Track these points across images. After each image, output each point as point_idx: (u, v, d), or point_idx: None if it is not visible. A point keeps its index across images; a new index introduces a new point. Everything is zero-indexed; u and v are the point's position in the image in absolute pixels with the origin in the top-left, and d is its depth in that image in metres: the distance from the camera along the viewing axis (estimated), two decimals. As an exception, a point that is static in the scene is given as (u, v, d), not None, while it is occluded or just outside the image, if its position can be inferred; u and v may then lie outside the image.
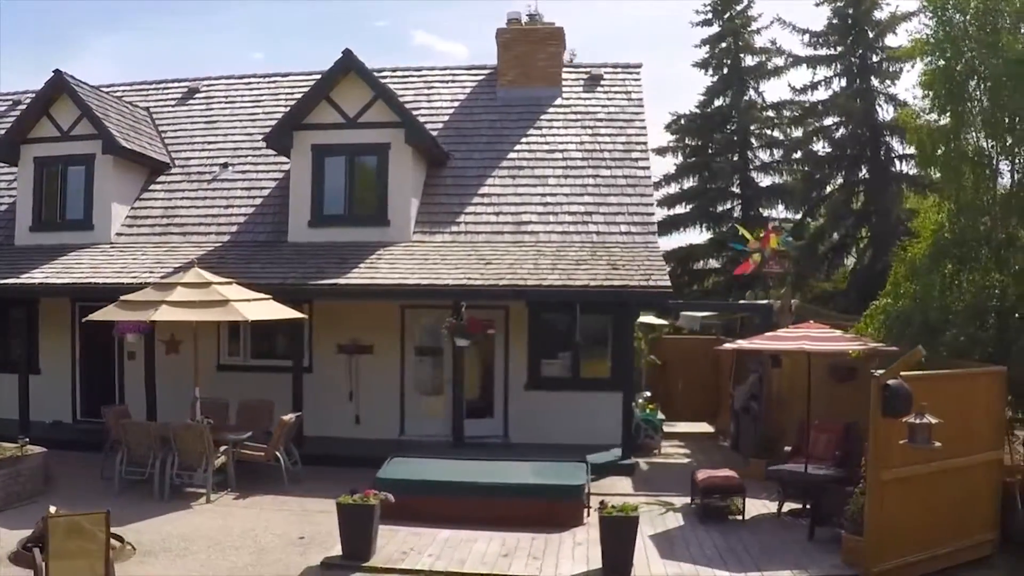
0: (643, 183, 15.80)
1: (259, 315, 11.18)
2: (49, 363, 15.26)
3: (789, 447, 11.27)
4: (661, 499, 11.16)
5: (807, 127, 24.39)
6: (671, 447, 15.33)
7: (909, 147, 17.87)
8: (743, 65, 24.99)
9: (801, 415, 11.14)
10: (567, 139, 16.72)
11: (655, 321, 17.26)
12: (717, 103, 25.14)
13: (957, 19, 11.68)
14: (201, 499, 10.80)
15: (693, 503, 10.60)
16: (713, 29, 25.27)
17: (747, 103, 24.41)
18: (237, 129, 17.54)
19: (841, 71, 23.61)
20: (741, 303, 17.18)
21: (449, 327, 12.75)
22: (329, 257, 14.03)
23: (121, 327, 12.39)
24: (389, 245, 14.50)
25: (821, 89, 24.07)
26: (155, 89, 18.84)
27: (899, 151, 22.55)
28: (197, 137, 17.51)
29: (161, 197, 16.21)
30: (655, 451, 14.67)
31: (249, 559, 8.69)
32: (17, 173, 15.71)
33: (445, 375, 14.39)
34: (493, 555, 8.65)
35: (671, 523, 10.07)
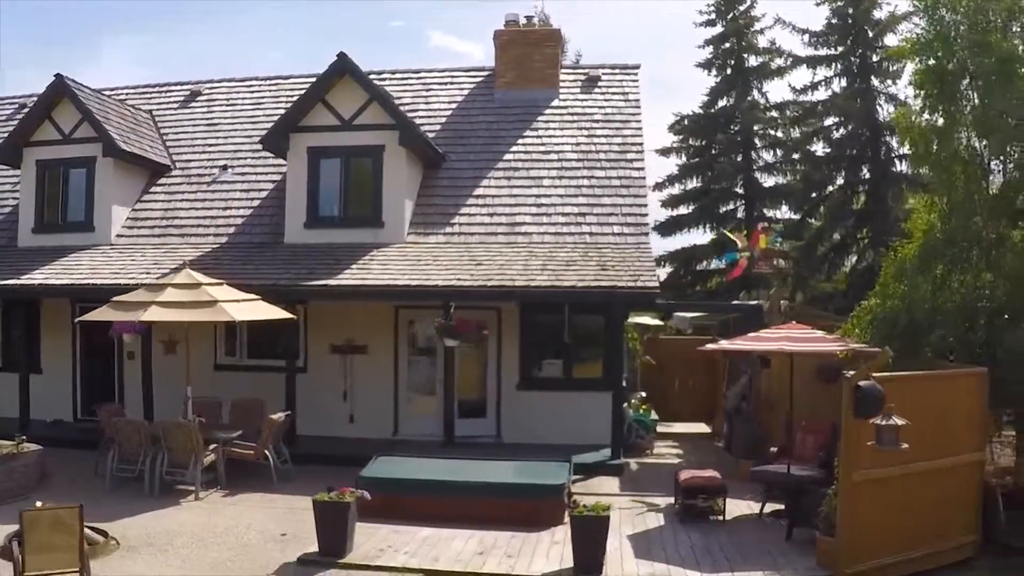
0: (637, 184, 15.82)
1: (247, 315, 11.35)
2: (50, 363, 15.53)
3: (775, 448, 11.28)
4: (645, 499, 11.22)
5: (809, 127, 24.33)
6: (665, 448, 15.34)
7: (902, 147, 17.77)
8: (746, 66, 24.93)
9: (788, 416, 11.15)
10: (563, 140, 16.78)
11: (650, 322, 17.29)
12: (721, 103, 25.09)
13: (948, 19, 11.68)
14: (190, 496, 10.97)
15: (676, 503, 10.63)
16: (716, 29, 25.24)
17: (750, 103, 24.35)
18: (238, 131, 17.73)
19: (841, 71, 23.53)
20: (732, 304, 17.18)
21: (438, 327, 12.86)
22: (323, 258, 14.17)
23: (117, 327, 12.57)
24: (383, 246, 14.63)
25: (821, 89, 24.07)
26: (158, 92, 19.09)
27: (899, 151, 22.43)
28: (198, 139, 17.73)
29: (161, 199, 16.44)
30: (647, 451, 14.69)
31: (229, 555, 8.83)
32: (20, 176, 15.98)
33: (438, 375, 14.49)
34: (469, 553, 8.74)
35: (651, 523, 10.12)
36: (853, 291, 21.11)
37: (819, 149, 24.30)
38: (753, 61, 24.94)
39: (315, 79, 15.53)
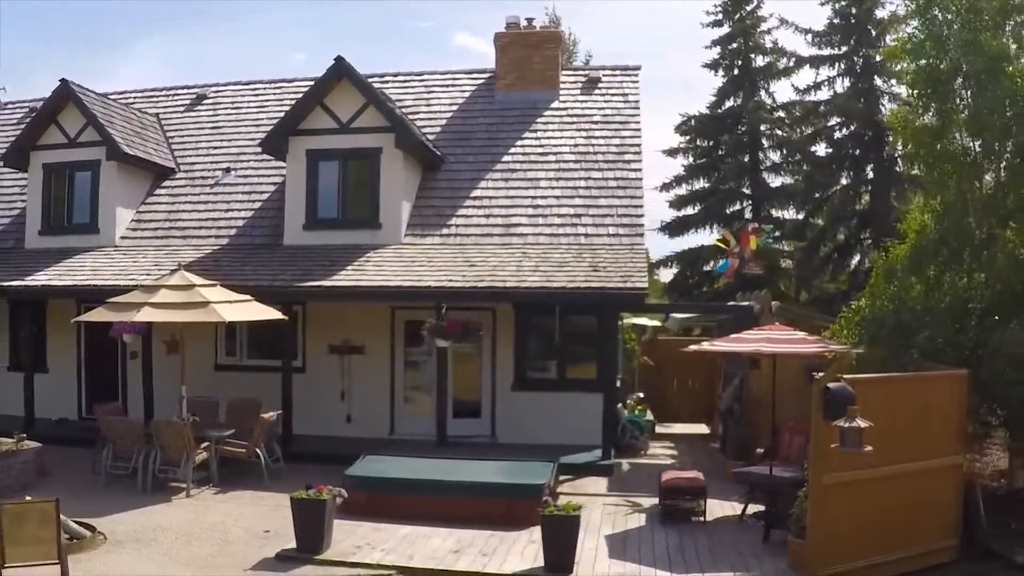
0: (634, 185, 15.85)
1: (237, 316, 11.55)
2: (56, 362, 15.85)
3: (761, 449, 11.30)
4: (631, 499, 11.27)
5: (814, 127, 24.19)
6: (661, 448, 15.36)
7: (896, 147, 17.59)
8: (753, 66, 24.84)
9: (777, 417, 11.16)
10: (561, 142, 16.84)
11: (648, 322, 17.30)
12: (728, 104, 25.02)
13: (940, 18, 11.64)
14: (182, 493, 11.18)
15: (660, 504, 10.67)
16: (724, 30, 25.17)
17: (756, 103, 24.25)
18: (241, 134, 17.97)
19: (844, 71, 23.38)
20: (724, 305, 17.14)
21: (428, 328, 12.99)
22: (320, 260, 14.35)
23: (117, 328, 12.79)
24: (380, 248, 14.78)
25: (824, 89, 23.91)
26: (165, 95, 19.39)
27: (902, 151, 22.19)
28: (203, 142, 18.00)
29: (165, 201, 16.72)
30: (642, 452, 14.72)
31: (211, 550, 9.02)
32: (27, 179, 16.32)
33: (432, 376, 14.60)
34: (444, 551, 8.86)
35: (632, 523, 10.17)
36: (856, 292, 20.94)
37: (824, 149, 24.16)
38: (760, 61, 24.85)
39: (304, 83, 15.69)
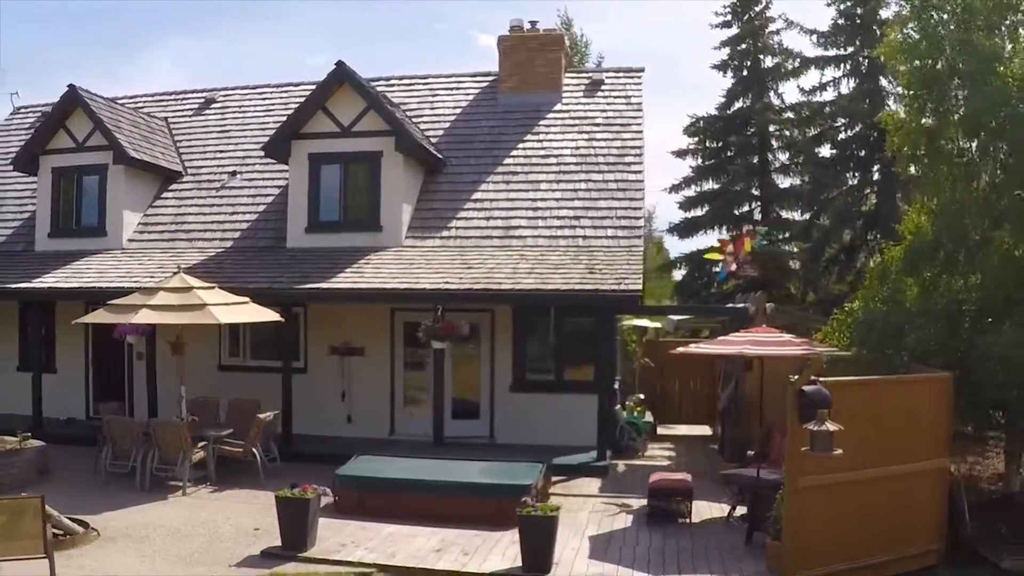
0: (634, 187, 15.87)
1: (233, 318, 11.76)
2: (65, 363, 16.19)
3: (752, 451, 11.31)
4: (621, 501, 11.31)
5: (820, 128, 24.05)
6: (660, 450, 15.39)
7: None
8: (762, 67, 24.73)
9: (768, 419, 11.16)
10: (563, 144, 16.89)
11: (649, 324, 17.31)
12: (737, 105, 24.92)
13: (935, 19, 11.59)
14: (178, 492, 11.39)
15: (647, 506, 10.71)
16: (732, 31, 25.07)
17: (764, 105, 24.14)
18: (248, 138, 18.19)
19: (850, 71, 23.21)
20: (719, 307, 17.12)
21: (424, 330, 13.12)
22: (320, 262, 14.52)
23: (120, 329, 13.08)
24: (380, 250, 14.92)
25: (830, 90, 23.75)
26: (174, 100, 19.70)
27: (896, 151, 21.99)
28: (210, 146, 18.26)
29: (172, 204, 16.99)
30: (640, 453, 14.76)
31: (200, 546, 9.20)
32: (37, 183, 16.67)
33: (430, 377, 14.73)
34: (427, 550, 8.97)
35: (618, 524, 10.23)
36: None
37: (831, 151, 23.99)
38: (769, 62, 24.72)
39: (311, 87, 15.90)
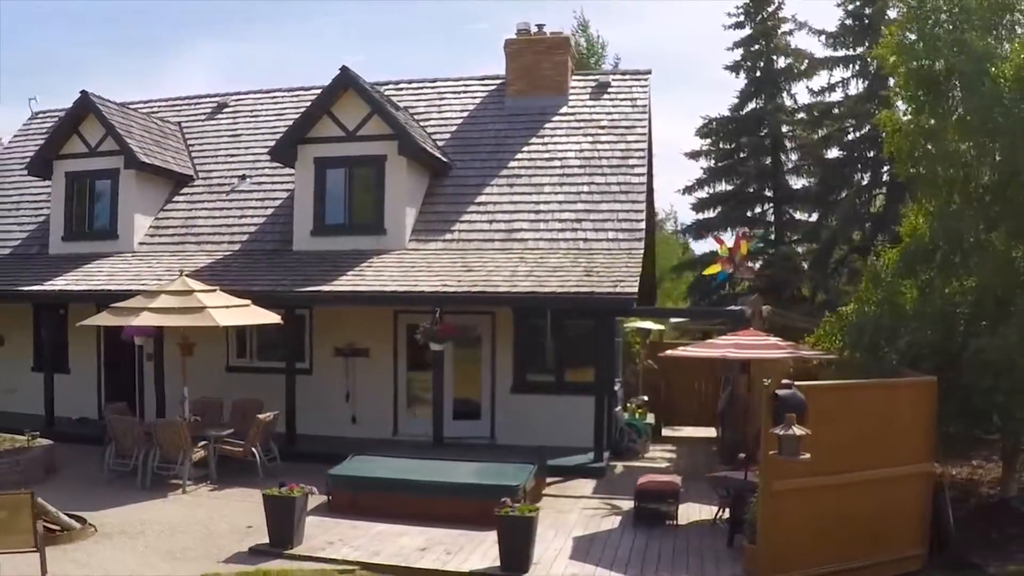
0: (636, 190, 15.92)
1: (233, 320, 12.00)
2: (77, 363, 16.61)
3: (743, 454, 11.31)
4: (612, 502, 11.40)
5: (829, 129, 23.92)
6: (661, 452, 15.43)
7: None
8: (775, 67, 24.63)
9: (757, 422, 11.15)
10: (567, 147, 16.97)
11: (652, 326, 17.33)
12: (750, 106, 24.84)
13: (932, 19, 11.54)
14: (179, 490, 11.66)
15: (634, 507, 10.78)
16: (745, 31, 25.00)
17: (776, 105, 24.05)
18: (258, 142, 18.48)
19: (858, 72, 23.06)
20: (717, 309, 17.09)
21: (422, 332, 13.28)
22: (324, 265, 14.75)
23: (128, 331, 13.41)
24: (384, 253, 15.12)
25: (839, 91, 23.64)
26: (187, 104, 20.07)
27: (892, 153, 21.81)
28: (221, 150, 18.60)
29: (182, 208, 17.34)
30: (640, 455, 14.81)
31: (192, 543, 9.44)
32: (51, 187, 17.10)
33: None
34: (411, 549, 9.12)
35: (605, 525, 10.31)
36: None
37: (839, 152, 23.87)
38: (781, 63, 24.62)
39: (320, 91, 16.14)
